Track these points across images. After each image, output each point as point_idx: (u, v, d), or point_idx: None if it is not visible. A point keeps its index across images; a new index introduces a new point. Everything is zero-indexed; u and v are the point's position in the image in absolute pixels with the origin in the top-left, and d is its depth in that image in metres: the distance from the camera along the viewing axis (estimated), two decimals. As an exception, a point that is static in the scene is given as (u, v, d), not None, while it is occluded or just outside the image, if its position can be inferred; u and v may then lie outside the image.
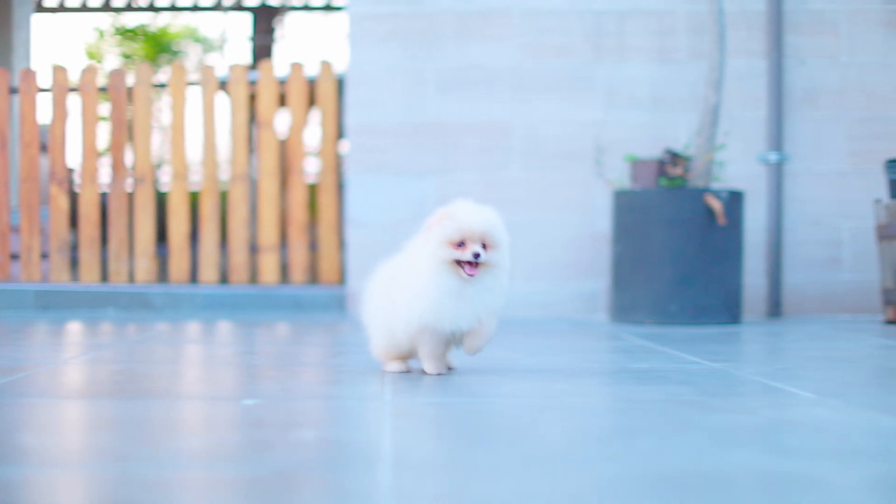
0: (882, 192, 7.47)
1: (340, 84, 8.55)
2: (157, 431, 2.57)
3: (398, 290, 3.74)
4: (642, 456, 2.24)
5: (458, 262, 3.58)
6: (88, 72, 8.52)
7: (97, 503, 1.83)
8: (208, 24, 27.82)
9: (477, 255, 3.52)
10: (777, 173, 7.63)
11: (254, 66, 15.32)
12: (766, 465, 2.12)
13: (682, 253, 6.71)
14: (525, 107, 7.69)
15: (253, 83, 8.56)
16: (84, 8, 15.34)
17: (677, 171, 6.79)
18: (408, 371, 3.91)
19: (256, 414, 2.87)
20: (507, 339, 5.46)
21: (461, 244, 3.56)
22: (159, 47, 22.39)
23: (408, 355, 3.92)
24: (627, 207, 6.89)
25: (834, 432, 2.53)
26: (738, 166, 7.57)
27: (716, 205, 6.61)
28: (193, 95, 9.84)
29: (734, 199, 6.78)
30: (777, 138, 7.63)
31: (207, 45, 22.92)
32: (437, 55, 7.70)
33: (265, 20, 17.15)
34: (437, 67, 7.70)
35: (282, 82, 8.59)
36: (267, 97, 8.41)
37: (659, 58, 7.70)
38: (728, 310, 6.78)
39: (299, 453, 2.30)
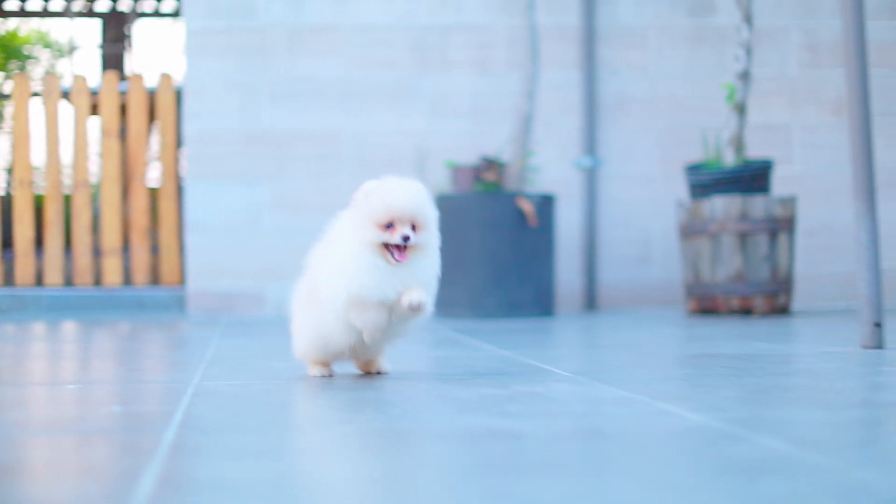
0: (685, 194, 8.06)
1: (180, 95, 8.93)
2: (-14, 410, 2.98)
3: (320, 272, 3.48)
4: (387, 419, 2.70)
5: (386, 246, 3.33)
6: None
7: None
8: (59, 29, 27.80)
9: (406, 239, 3.30)
10: (591, 177, 8.19)
11: (123, 77, 15.55)
12: (483, 424, 2.60)
13: (497, 252, 7.23)
14: (354, 116, 8.14)
15: (96, 93, 8.90)
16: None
17: (492, 176, 7.30)
18: (330, 376, 3.71)
19: (78, 395, 3.28)
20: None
21: (389, 225, 3.31)
22: (9, 53, 22.40)
23: (335, 355, 3.68)
24: (447, 210, 7.36)
25: (559, 401, 3.02)
26: (553, 171, 8.11)
27: (527, 207, 7.12)
28: (38, 105, 10.14)
29: (545, 203, 7.31)
30: (591, 145, 8.19)
31: (58, 51, 22.97)
32: (271, 68, 8.12)
33: (115, 27, 17.35)
34: (270, 79, 8.12)
35: (124, 93, 8.94)
36: (109, 107, 8.76)
37: (480, 70, 8.21)
38: (540, 304, 7.31)
39: (105, 422, 2.73)
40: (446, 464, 2.18)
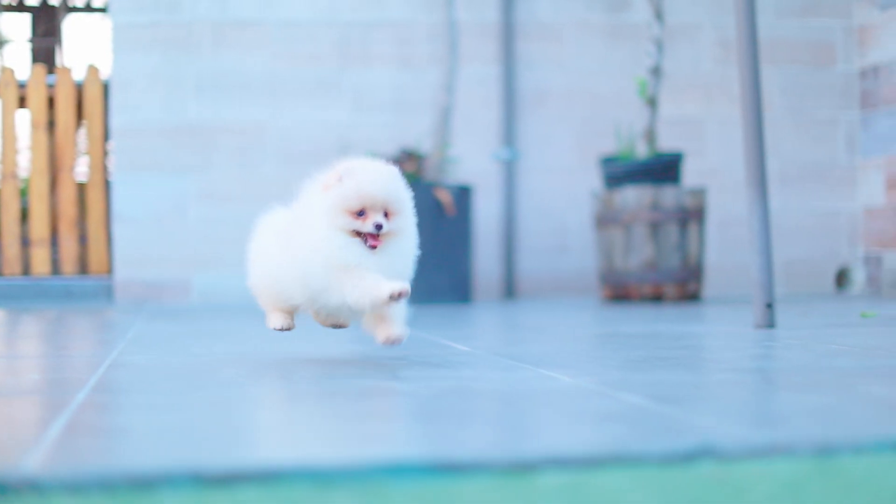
0: (601, 185, 8.31)
1: (107, 88, 9.08)
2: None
3: (292, 250, 3.34)
4: (290, 382, 2.92)
5: (358, 233, 3.23)
6: None
7: None
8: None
9: (379, 227, 3.19)
10: (509, 169, 8.43)
11: (50, 70, 15.60)
12: (375, 385, 2.83)
13: (419, 238, 7.44)
14: (279, 109, 8.33)
15: (24, 86, 9.04)
16: None
17: (411, 167, 7.52)
18: (290, 328, 3.63)
19: (0, 367, 3.48)
20: (258, 321, 6.11)
21: (360, 213, 3.21)
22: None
23: (295, 308, 3.57)
24: (369, 201, 7.60)
25: (450, 368, 3.26)
26: (473, 163, 8.33)
27: (444, 198, 7.35)
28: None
29: (462, 193, 7.54)
30: (509, 137, 8.43)
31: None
32: (196, 61, 8.29)
33: (46, 21, 17.39)
34: (196, 73, 8.29)
35: (52, 86, 9.08)
36: (37, 100, 8.90)
37: (401, 65, 8.42)
38: (458, 291, 7.54)
39: (24, 386, 2.93)
40: (332, 413, 2.40)
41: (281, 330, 3.60)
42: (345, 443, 2.01)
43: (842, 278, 8.91)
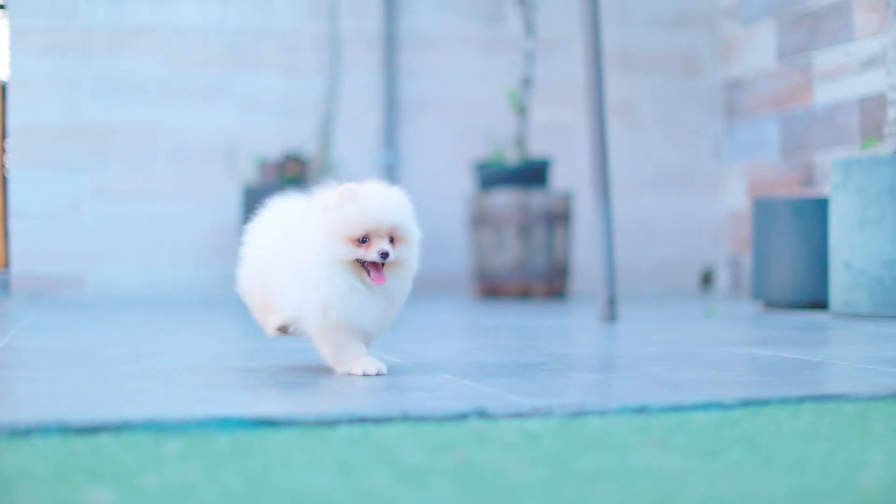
0: (474, 188, 8.80)
1: (5, 88, 9.41)
2: None
3: (284, 277, 3.09)
4: (156, 361, 3.36)
5: (361, 263, 2.98)
6: None
7: None
8: None
9: (385, 256, 2.93)
10: (391, 172, 8.89)
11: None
12: (232, 364, 3.28)
13: (300, 239, 7.89)
14: (171, 112, 8.72)
15: (-77, 86, 9.34)
16: None
17: (294, 170, 7.95)
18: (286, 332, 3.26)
19: None
20: (148, 313, 6.52)
21: (364, 240, 2.94)
22: None
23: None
24: (255, 201, 7.99)
25: (301, 351, 3.73)
26: (355, 166, 8.78)
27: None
28: None
29: (344, 194, 7.99)
30: (391, 142, 8.89)
31: None
32: (92, 65, 8.65)
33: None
34: (92, 76, 8.65)
35: (-49, 85, 9.39)
36: (-64, 99, 9.22)
37: (288, 71, 8.85)
38: (338, 287, 8.00)
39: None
40: (185, 383, 2.85)
41: (274, 334, 3.28)
42: (189, 405, 2.47)
43: (707, 278, 9.46)
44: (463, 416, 2.38)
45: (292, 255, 3.05)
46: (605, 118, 5.62)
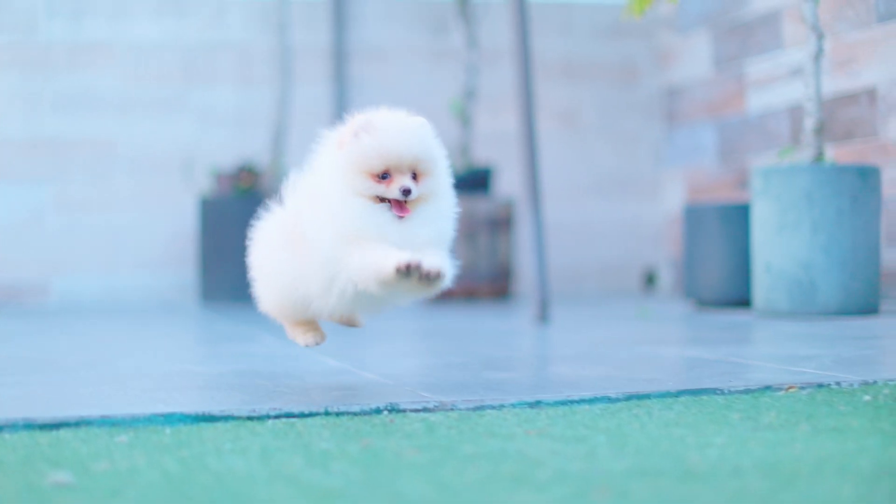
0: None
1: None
2: None
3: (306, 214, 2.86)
4: (91, 355, 3.72)
5: (382, 199, 2.77)
6: None
7: None
8: None
9: (407, 192, 2.73)
10: (342, 180, 9.24)
11: None
12: (178, 368, 3.65)
13: (255, 247, 8.24)
14: (130, 125, 9.05)
15: None
16: None
17: (247, 181, 8.30)
18: (321, 342, 3.17)
19: None
20: (108, 320, 6.86)
21: (384, 175, 2.75)
22: None
23: (310, 313, 3.06)
24: (211, 211, 8.37)
25: (254, 354, 4.08)
26: (308, 174, 9.12)
27: (278, 207, 8.14)
28: None
29: (296, 203, 8.35)
30: (342, 151, 9.24)
31: None
32: (52, 80, 8.98)
33: None
34: (52, 90, 8.98)
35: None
36: None
37: (242, 84, 9.20)
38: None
39: None
40: (137, 387, 3.21)
41: (314, 345, 3.15)
42: (139, 404, 2.82)
43: (650, 279, 9.85)
44: (377, 411, 2.74)
45: (305, 207, 2.85)
46: (535, 132, 5.99)
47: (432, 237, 2.78)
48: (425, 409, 2.78)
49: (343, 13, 9.35)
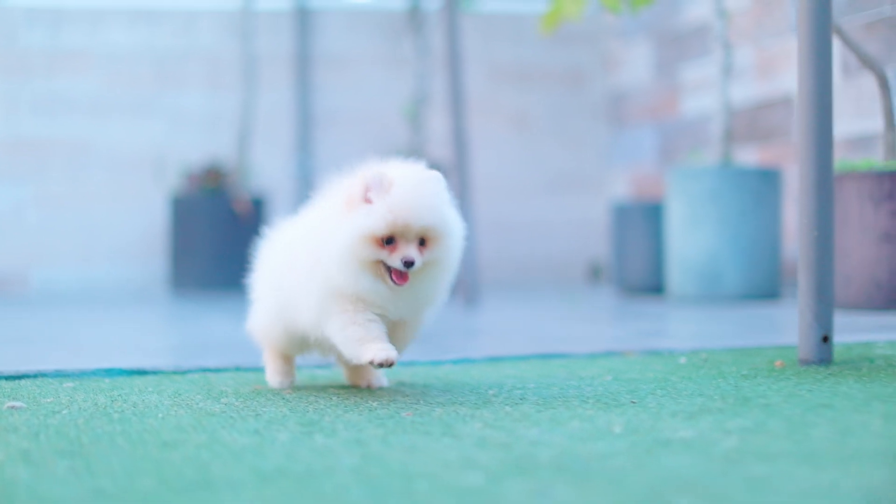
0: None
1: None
2: None
3: (297, 278, 2.82)
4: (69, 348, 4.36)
5: (383, 263, 2.66)
6: None
7: None
8: None
9: (410, 264, 2.61)
10: (304, 181, 9.88)
11: None
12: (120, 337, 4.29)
13: (219, 240, 8.89)
14: (104, 126, 9.69)
15: None
16: None
17: (214, 181, 8.94)
18: (289, 386, 3.04)
19: None
20: (82, 309, 7.49)
21: (389, 240, 2.63)
22: None
23: (301, 348, 3.03)
24: (181, 207, 9.01)
25: (212, 341, 4.73)
26: (273, 175, 9.77)
27: (240, 208, 8.77)
28: None
29: (256, 203, 8.99)
30: (306, 152, 9.89)
31: None
32: (31, 84, 9.61)
33: None
34: (31, 94, 9.60)
35: None
36: None
37: (211, 88, 9.83)
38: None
39: None
40: (93, 347, 3.85)
41: (279, 388, 3.02)
42: (89, 363, 3.47)
43: (595, 272, 10.48)
44: (241, 370, 3.37)
45: (308, 250, 2.78)
46: (467, 134, 6.63)
47: (419, 307, 2.78)
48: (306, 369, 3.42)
49: (306, 23, 10.00)
